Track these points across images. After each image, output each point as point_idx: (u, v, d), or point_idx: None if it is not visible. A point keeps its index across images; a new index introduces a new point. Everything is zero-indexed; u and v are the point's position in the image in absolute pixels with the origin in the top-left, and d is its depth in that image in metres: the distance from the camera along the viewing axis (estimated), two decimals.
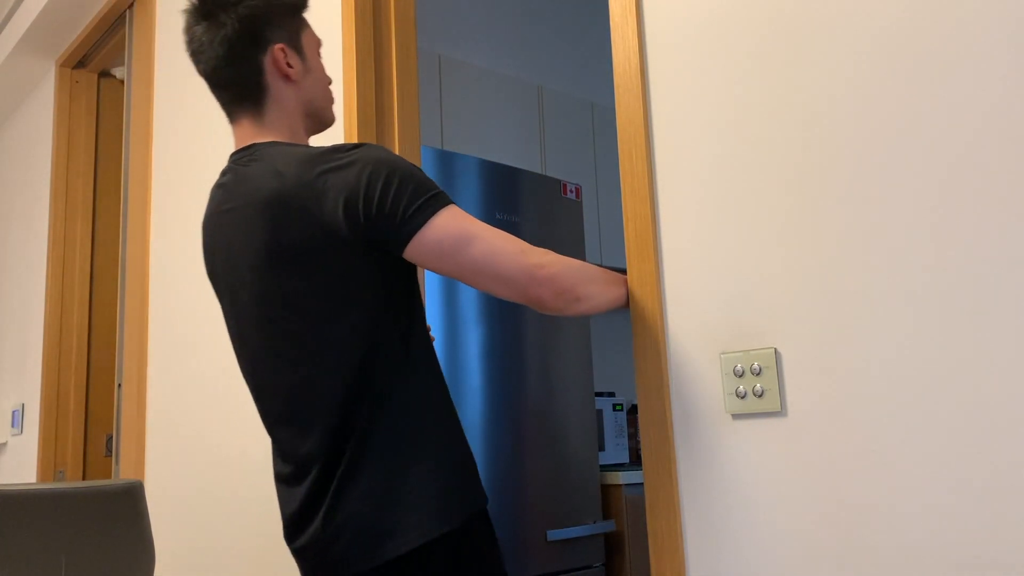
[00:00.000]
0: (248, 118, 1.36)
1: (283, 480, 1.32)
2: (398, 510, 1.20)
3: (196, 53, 1.36)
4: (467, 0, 3.59)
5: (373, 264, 1.24)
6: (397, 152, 2.06)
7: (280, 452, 1.32)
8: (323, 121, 1.44)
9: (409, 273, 1.31)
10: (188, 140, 2.80)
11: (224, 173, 1.37)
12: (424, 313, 1.34)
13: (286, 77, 1.36)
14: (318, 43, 1.43)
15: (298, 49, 1.38)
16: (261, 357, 1.31)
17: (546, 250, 1.24)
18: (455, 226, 1.20)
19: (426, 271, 2.22)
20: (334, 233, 1.21)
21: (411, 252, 1.22)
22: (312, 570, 1.27)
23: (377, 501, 1.20)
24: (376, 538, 1.20)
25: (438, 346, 2.38)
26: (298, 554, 1.29)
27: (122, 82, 3.80)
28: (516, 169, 2.67)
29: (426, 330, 1.33)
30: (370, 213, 1.20)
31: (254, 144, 1.33)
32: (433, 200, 1.21)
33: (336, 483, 1.22)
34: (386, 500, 1.20)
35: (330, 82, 1.44)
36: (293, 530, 1.29)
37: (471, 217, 1.23)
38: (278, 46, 1.35)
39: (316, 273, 1.23)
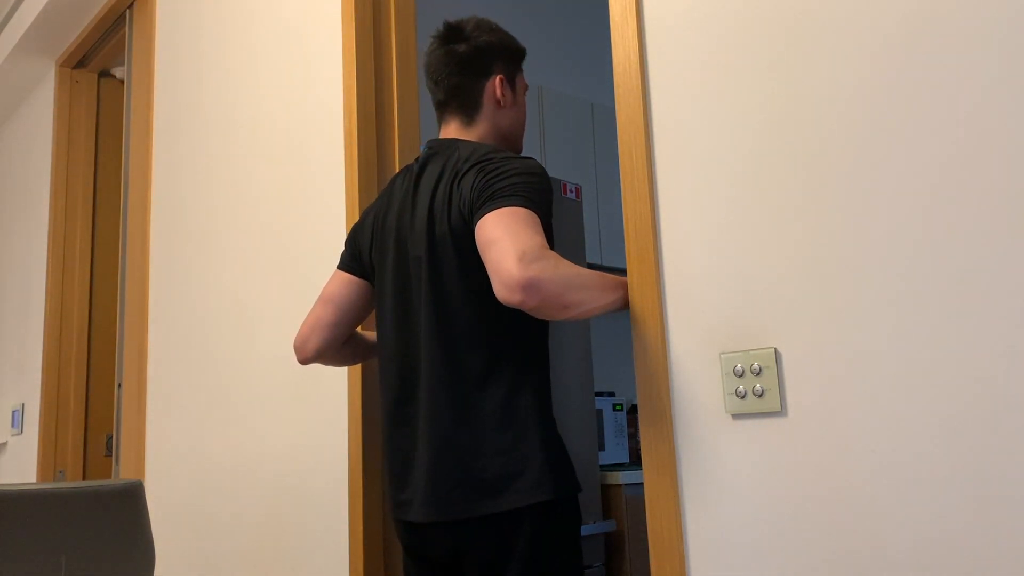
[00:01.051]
0: (457, 122, 1.62)
1: (403, 424, 1.51)
2: (508, 470, 1.37)
3: (431, 66, 1.63)
4: (467, 0, 3.59)
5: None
6: (397, 152, 2.06)
7: (400, 397, 1.52)
8: (512, 147, 1.67)
9: None
10: (188, 140, 2.80)
11: (422, 155, 1.61)
12: None
13: (498, 103, 1.62)
14: (527, 88, 1.71)
15: (512, 86, 1.65)
16: (409, 304, 1.52)
17: (557, 259, 1.29)
18: (496, 225, 1.33)
19: None
20: (462, 208, 1.43)
21: (476, 236, 1.37)
22: (416, 513, 1.44)
23: (491, 457, 1.38)
24: (483, 491, 1.37)
25: None
26: (402, 502, 1.48)
27: (122, 82, 3.80)
28: None
29: (542, 323, 1.49)
30: (473, 197, 1.41)
31: (456, 139, 1.58)
32: (505, 198, 1.36)
33: (456, 436, 1.41)
34: (499, 459, 1.38)
35: (525, 120, 1.70)
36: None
37: (520, 221, 1.33)
38: (499, 77, 1.62)
39: (450, 237, 1.45)
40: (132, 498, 1.57)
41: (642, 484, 2.82)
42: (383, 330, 1.59)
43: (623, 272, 1.48)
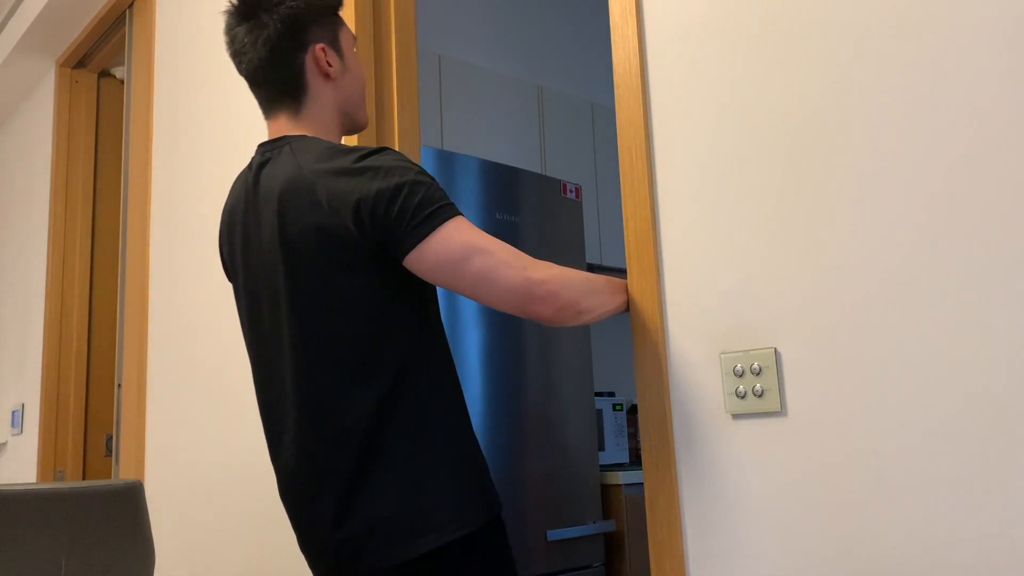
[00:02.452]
0: (285, 114, 1.39)
1: (292, 480, 1.31)
2: (418, 510, 1.21)
3: (238, 54, 1.39)
4: (467, 0, 3.59)
5: (382, 265, 1.25)
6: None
7: (284, 452, 1.32)
8: (356, 121, 1.46)
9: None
10: (188, 140, 2.80)
11: (251, 162, 1.39)
12: (439, 314, 1.34)
13: (326, 76, 1.39)
14: (354, 40, 1.46)
15: (337, 48, 1.41)
16: (269, 344, 1.33)
17: (549, 264, 1.24)
18: (458, 239, 1.21)
19: None
20: (342, 231, 1.23)
21: (411, 261, 1.22)
22: (328, 570, 1.28)
23: (397, 501, 1.22)
24: (396, 537, 1.21)
25: None
26: (315, 556, 1.30)
27: (122, 82, 3.80)
28: (516, 169, 2.67)
29: (442, 331, 1.34)
30: (376, 219, 1.21)
31: (285, 136, 1.36)
32: (439, 211, 1.22)
33: (355, 483, 1.23)
34: (406, 501, 1.22)
35: (365, 81, 1.44)
36: (309, 530, 1.29)
37: (476, 230, 1.23)
38: (319, 46, 1.38)
39: (323, 265, 1.25)
40: (132, 498, 1.57)
41: (642, 484, 2.82)
42: (249, 353, 1.41)
43: (623, 272, 1.48)
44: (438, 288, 2.41)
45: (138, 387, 2.86)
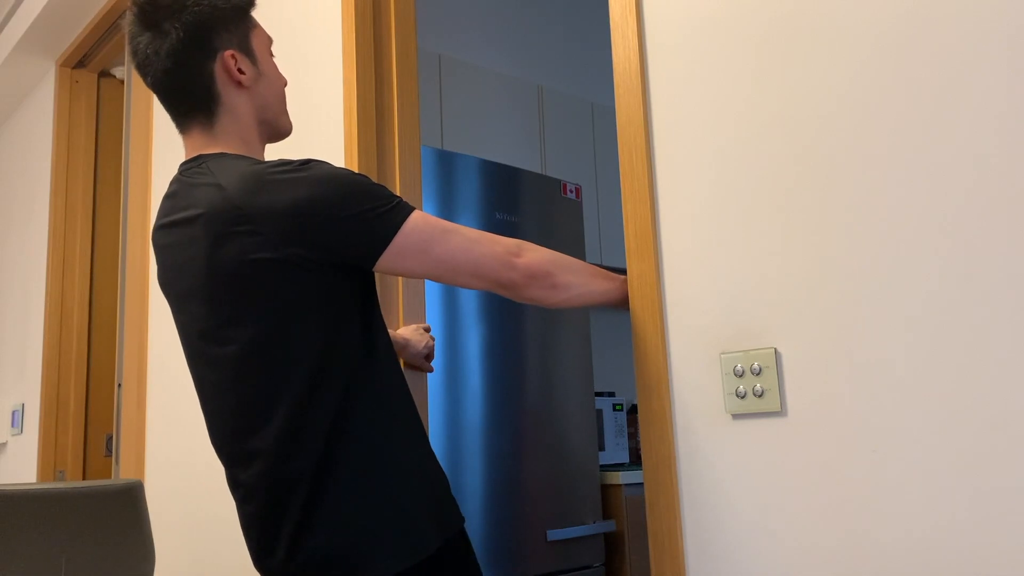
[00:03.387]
0: (198, 129, 1.30)
1: (243, 505, 1.23)
2: (366, 540, 1.14)
3: (142, 65, 1.30)
4: (467, 0, 3.59)
5: (324, 279, 1.18)
6: (397, 152, 2.06)
7: (234, 478, 1.24)
8: (278, 129, 1.37)
9: (366, 283, 1.25)
10: None
11: (171, 185, 1.30)
12: (383, 324, 1.29)
13: (238, 84, 1.30)
14: (269, 42, 1.37)
15: (249, 53, 1.32)
16: (209, 376, 1.24)
17: (529, 243, 1.25)
18: (427, 226, 1.19)
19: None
20: (278, 251, 1.14)
21: (385, 262, 1.18)
22: None
23: (343, 531, 1.14)
24: (345, 570, 1.13)
25: (438, 347, 2.38)
26: None
27: (122, 82, 3.80)
28: (516, 169, 2.67)
29: (389, 345, 1.27)
30: (325, 231, 1.14)
31: (201, 155, 1.27)
32: (397, 208, 1.18)
33: (300, 513, 1.15)
34: (353, 530, 1.14)
35: (285, 84, 1.37)
36: (261, 555, 1.21)
37: (435, 217, 1.22)
38: (228, 52, 1.29)
39: (258, 290, 1.16)
40: (132, 498, 1.57)
41: (642, 484, 2.82)
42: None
43: (623, 272, 1.48)
44: (439, 288, 2.41)
45: (138, 387, 2.86)
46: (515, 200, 2.64)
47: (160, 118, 2.98)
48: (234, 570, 2.31)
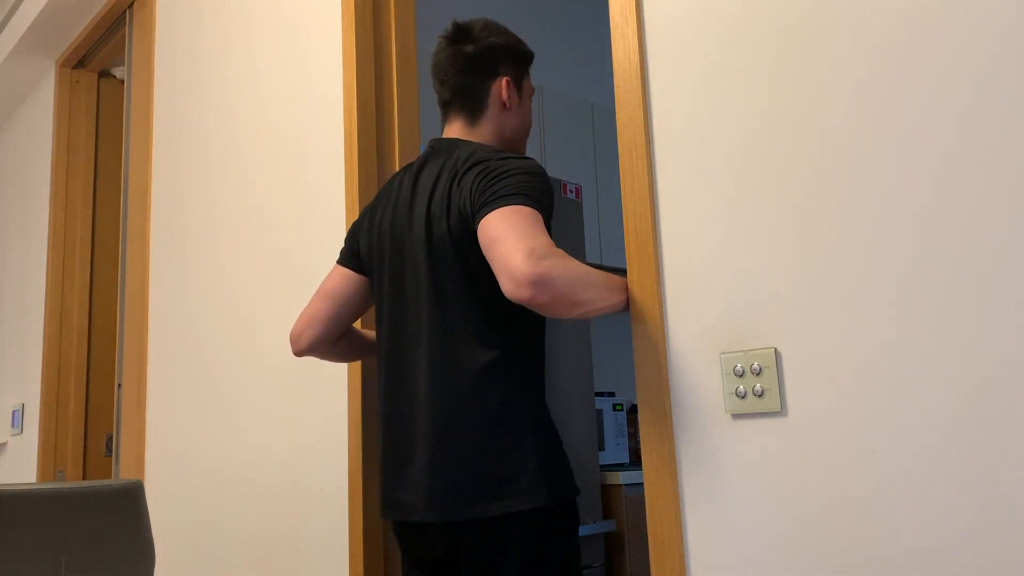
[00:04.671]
0: (461, 122, 1.61)
1: (401, 422, 1.49)
2: (504, 474, 1.36)
3: (438, 66, 1.62)
4: (467, 0, 3.59)
5: None
6: (397, 150, 2.06)
7: (397, 397, 1.51)
8: (516, 152, 1.64)
9: None
10: (188, 140, 2.80)
11: (416, 160, 1.61)
12: None
13: (503, 105, 1.61)
14: (533, 92, 1.69)
15: (519, 88, 1.64)
16: (405, 301, 1.52)
17: (560, 254, 1.28)
18: (501, 223, 1.32)
19: None
20: (462, 208, 1.42)
21: (479, 239, 1.36)
22: (404, 513, 1.45)
23: (487, 460, 1.37)
24: (476, 495, 1.37)
25: None
26: (394, 499, 1.48)
27: (122, 82, 3.80)
28: None
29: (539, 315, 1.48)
30: (473, 197, 1.40)
31: (457, 138, 1.58)
32: (507, 197, 1.35)
33: (456, 436, 1.40)
34: (495, 462, 1.37)
35: (531, 125, 1.69)
36: (400, 471, 1.47)
37: (524, 220, 1.31)
38: (505, 79, 1.61)
39: (452, 235, 1.44)
40: (132, 498, 1.57)
41: (642, 484, 2.82)
42: (381, 330, 1.58)
43: (623, 272, 1.48)
44: None
45: (138, 387, 2.86)
46: None
47: (160, 118, 2.98)
48: (234, 569, 2.31)
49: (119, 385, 2.97)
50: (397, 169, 2.03)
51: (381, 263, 1.59)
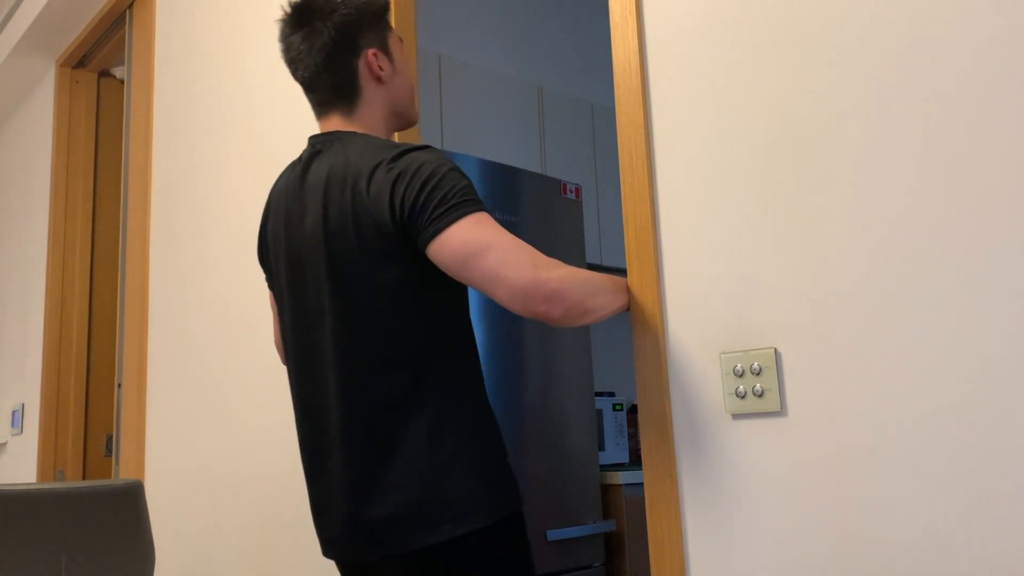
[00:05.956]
0: (338, 115, 1.44)
1: (319, 459, 1.37)
2: (438, 499, 1.25)
3: (294, 61, 1.45)
4: (467, 0, 3.59)
5: (413, 254, 1.28)
6: None
7: (312, 432, 1.38)
8: (407, 119, 1.51)
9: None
10: (188, 140, 2.80)
11: (301, 155, 1.45)
12: (467, 306, 1.37)
13: (378, 79, 1.44)
14: (401, 42, 1.51)
15: (387, 52, 1.47)
16: (314, 330, 1.37)
17: (557, 263, 1.24)
18: (474, 234, 1.23)
19: None
20: (377, 219, 1.28)
21: (431, 252, 1.25)
22: (343, 553, 1.33)
23: (418, 488, 1.26)
24: (414, 525, 1.25)
25: None
26: (331, 539, 1.35)
27: (122, 82, 3.80)
28: (516, 169, 2.67)
29: (469, 322, 1.38)
30: (404, 210, 1.26)
31: (337, 131, 1.42)
32: (460, 205, 1.25)
33: (380, 468, 1.28)
34: (427, 488, 1.26)
35: (414, 80, 1.50)
36: (328, 511, 1.34)
37: (494, 227, 1.24)
38: (371, 51, 1.43)
39: (359, 251, 1.30)
40: (132, 498, 1.57)
41: (642, 484, 2.82)
42: (288, 351, 1.45)
43: (623, 272, 1.48)
44: None
45: (138, 387, 2.86)
46: (515, 200, 2.64)
47: (160, 118, 2.98)
48: (234, 569, 2.31)
49: (119, 385, 2.97)
50: None
51: (279, 279, 1.46)
